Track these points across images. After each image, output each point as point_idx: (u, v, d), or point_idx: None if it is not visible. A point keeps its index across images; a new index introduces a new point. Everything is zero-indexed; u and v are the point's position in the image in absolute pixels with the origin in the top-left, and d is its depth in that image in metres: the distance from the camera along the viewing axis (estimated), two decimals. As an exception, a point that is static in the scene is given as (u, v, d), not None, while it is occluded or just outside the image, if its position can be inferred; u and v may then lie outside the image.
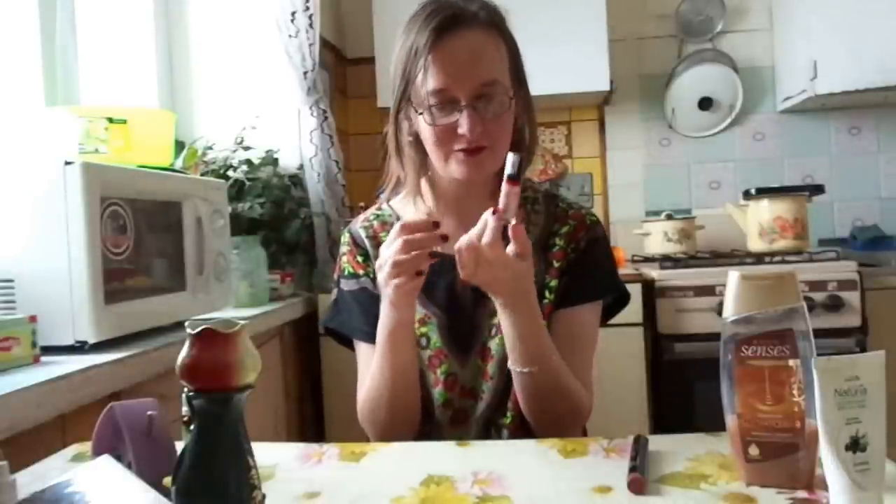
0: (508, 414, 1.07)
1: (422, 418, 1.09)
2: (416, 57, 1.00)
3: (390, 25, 2.51)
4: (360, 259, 1.15)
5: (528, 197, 1.15)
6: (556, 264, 1.10)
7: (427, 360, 1.09)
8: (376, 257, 1.13)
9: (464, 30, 1.00)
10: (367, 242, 1.15)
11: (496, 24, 1.04)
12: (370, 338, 1.11)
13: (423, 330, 1.09)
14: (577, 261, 1.11)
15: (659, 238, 2.57)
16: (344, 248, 1.18)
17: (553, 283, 1.09)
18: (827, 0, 2.48)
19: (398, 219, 1.16)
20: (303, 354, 2.25)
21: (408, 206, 1.16)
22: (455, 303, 1.09)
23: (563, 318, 1.10)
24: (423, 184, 1.12)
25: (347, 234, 1.19)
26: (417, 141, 1.08)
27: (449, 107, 1.00)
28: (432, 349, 1.09)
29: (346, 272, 1.17)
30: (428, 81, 0.99)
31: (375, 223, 1.17)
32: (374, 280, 1.13)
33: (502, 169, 1.07)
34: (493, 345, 1.08)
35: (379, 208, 1.20)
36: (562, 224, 1.12)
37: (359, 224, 1.19)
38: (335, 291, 1.19)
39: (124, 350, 1.17)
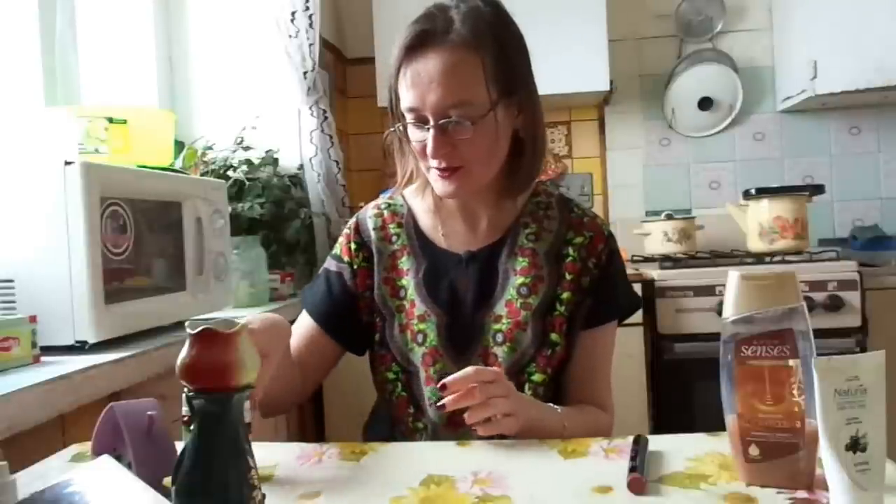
0: None
1: (414, 414, 1.09)
2: (393, 74, 1.02)
3: (390, 25, 2.50)
4: (353, 247, 1.15)
5: (541, 202, 1.13)
6: (568, 276, 1.07)
7: (421, 357, 1.08)
8: (379, 251, 1.13)
9: (431, 49, 0.97)
10: (372, 234, 1.15)
11: (473, 38, 0.97)
12: (317, 315, 1.13)
13: (422, 326, 1.08)
14: (602, 278, 1.09)
15: (659, 238, 2.57)
16: (345, 230, 1.19)
17: (565, 294, 1.07)
18: (827, 0, 2.48)
19: (409, 210, 1.16)
20: (303, 354, 2.24)
21: (419, 196, 1.16)
22: (457, 303, 1.09)
23: (589, 338, 1.09)
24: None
25: (354, 219, 1.19)
26: None
27: (421, 124, 1.00)
28: (427, 346, 1.07)
29: (335, 251, 1.18)
30: (402, 99, 1.01)
31: (386, 213, 1.17)
32: (353, 271, 1.14)
33: (505, 173, 1.07)
34: (501, 352, 1.06)
35: (391, 197, 1.20)
36: (576, 233, 1.10)
37: (370, 211, 1.18)
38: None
39: (124, 350, 1.16)
